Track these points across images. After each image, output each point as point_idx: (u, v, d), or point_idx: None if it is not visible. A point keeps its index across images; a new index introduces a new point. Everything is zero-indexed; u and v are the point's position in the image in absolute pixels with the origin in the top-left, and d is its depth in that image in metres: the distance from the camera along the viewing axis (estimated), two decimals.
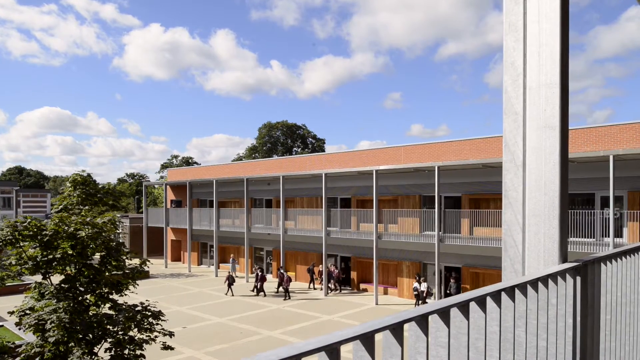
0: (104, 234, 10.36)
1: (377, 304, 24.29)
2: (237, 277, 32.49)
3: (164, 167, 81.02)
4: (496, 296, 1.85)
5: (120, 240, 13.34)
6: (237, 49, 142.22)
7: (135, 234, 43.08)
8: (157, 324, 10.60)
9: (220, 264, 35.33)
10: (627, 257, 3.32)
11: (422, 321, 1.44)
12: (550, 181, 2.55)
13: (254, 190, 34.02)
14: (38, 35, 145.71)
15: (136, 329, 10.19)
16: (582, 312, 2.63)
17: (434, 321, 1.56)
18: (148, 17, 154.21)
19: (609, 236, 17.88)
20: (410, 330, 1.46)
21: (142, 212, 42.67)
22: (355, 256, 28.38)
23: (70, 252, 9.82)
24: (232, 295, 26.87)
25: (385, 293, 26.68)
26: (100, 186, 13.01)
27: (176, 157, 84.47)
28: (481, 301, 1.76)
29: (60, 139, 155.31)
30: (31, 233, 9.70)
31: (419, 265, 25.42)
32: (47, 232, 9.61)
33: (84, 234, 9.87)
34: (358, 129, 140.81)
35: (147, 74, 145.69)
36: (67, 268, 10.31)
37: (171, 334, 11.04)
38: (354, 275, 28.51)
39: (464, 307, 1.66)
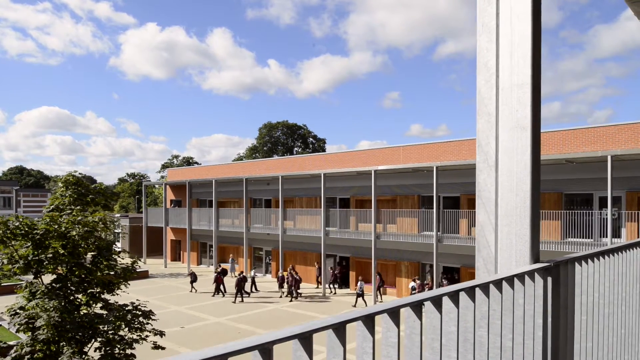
0: (95, 234, 10.37)
1: (375, 303, 24.27)
2: (235, 276, 32.50)
3: (165, 166, 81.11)
4: (454, 296, 1.84)
5: (113, 240, 13.35)
6: (234, 47, 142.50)
7: (135, 234, 43.15)
8: (148, 324, 10.61)
9: (220, 264, 35.32)
10: (605, 257, 3.30)
11: (368, 321, 1.44)
12: (521, 181, 2.54)
13: (253, 190, 34.03)
14: (34, 34, 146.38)
15: (127, 328, 10.21)
16: (554, 312, 2.61)
17: (385, 321, 1.56)
18: (143, 16, 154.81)
19: (607, 236, 17.85)
20: (357, 330, 1.46)
21: (142, 212, 42.70)
22: (354, 256, 28.37)
23: (61, 251, 9.84)
24: (195, 291, 27.92)
25: (384, 293, 26.67)
26: (92, 186, 13.02)
27: (176, 157, 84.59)
28: (437, 301, 1.76)
29: (60, 138, 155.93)
30: (22, 232, 9.73)
31: (417, 265, 25.42)
32: (38, 232, 9.65)
33: (74, 233, 9.90)
34: (357, 128, 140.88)
35: (144, 73, 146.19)
36: (59, 267, 10.34)
37: (161, 334, 11.05)
38: (352, 275, 28.51)
39: (417, 307, 1.66)
